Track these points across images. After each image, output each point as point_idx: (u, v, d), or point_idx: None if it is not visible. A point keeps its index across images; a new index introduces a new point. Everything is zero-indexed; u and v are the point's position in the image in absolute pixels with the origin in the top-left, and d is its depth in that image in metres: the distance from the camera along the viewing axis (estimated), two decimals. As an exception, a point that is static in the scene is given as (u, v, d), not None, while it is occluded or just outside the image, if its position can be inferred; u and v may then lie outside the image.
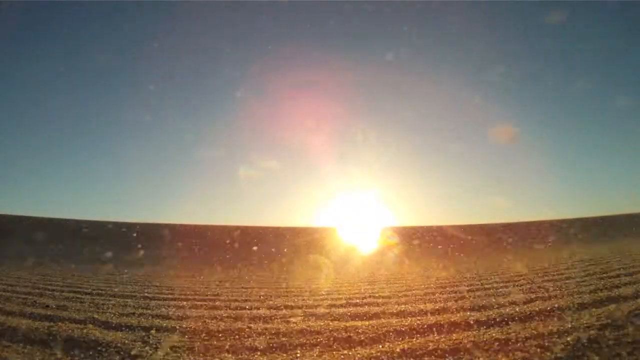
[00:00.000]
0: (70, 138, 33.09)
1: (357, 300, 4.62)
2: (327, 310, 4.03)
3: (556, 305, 3.45)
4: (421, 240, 16.04)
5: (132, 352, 2.68)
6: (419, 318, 3.48)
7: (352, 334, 3.04)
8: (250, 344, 2.91)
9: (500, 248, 12.88)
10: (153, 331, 3.21)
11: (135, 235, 17.02)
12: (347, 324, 3.36)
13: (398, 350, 2.62)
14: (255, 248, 14.25)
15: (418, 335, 2.95)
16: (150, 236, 16.81)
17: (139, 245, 14.75)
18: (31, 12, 25.59)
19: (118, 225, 21.13)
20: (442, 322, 3.25)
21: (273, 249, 14.15)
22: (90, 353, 2.67)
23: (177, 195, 31.10)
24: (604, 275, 5.26)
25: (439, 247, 14.50)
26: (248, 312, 4.14)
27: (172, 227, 21.26)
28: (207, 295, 5.46)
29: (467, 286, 5.45)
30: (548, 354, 2.32)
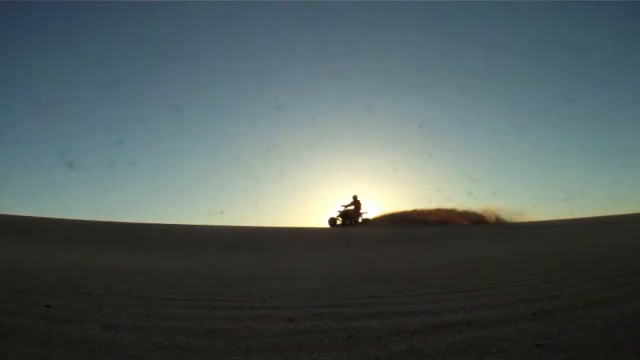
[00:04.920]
0: (69, 138, 33.06)
1: (357, 300, 4.61)
2: (326, 310, 4.02)
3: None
4: (421, 236, 16.06)
5: (131, 353, 2.68)
6: (419, 318, 3.47)
7: (352, 334, 3.04)
8: (250, 344, 2.90)
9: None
10: (152, 331, 3.20)
11: (137, 235, 17.05)
12: (347, 324, 3.36)
13: (398, 350, 2.62)
14: (255, 248, 14.26)
15: (419, 335, 2.94)
16: (151, 237, 16.82)
17: (140, 246, 14.76)
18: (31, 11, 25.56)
19: (119, 225, 21.16)
20: (443, 322, 3.24)
21: (272, 249, 14.16)
22: (89, 353, 2.66)
23: (177, 196, 31.10)
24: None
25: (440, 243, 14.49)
26: (248, 312, 4.13)
27: (172, 228, 21.29)
28: (207, 296, 5.45)
29: (470, 284, 5.43)
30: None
